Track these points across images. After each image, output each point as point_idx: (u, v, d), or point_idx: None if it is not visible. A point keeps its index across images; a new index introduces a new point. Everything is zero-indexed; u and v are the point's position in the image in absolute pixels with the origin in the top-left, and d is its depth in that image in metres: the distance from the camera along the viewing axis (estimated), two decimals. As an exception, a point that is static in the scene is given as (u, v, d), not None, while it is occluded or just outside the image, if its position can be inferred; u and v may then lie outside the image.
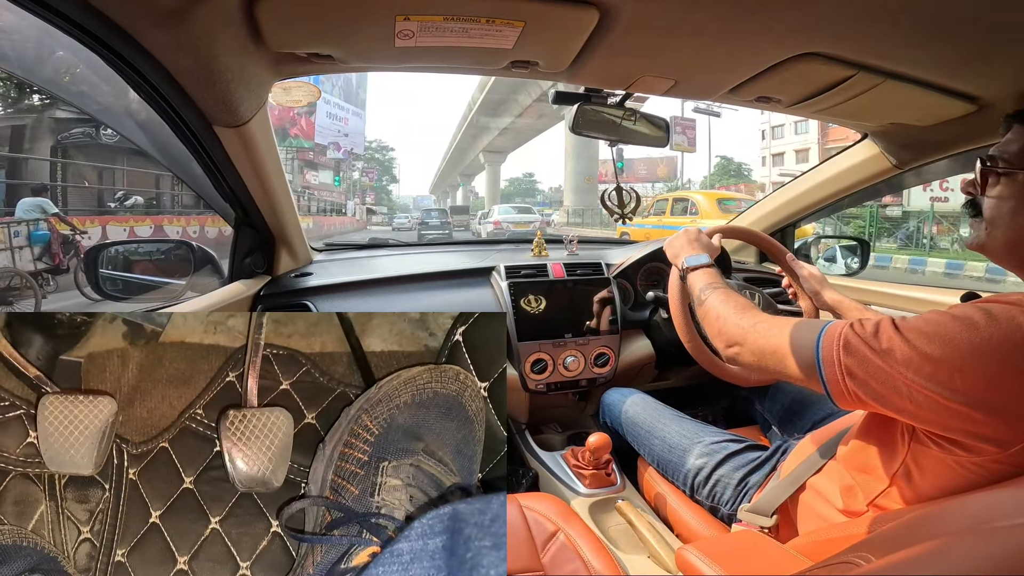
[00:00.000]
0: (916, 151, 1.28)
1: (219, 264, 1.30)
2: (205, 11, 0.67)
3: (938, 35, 0.75)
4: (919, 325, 0.59)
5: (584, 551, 0.89)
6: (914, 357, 0.57)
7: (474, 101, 33.69)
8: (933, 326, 0.58)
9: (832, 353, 0.63)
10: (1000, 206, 0.65)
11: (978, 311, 0.57)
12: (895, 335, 0.60)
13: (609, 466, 1.22)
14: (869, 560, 0.48)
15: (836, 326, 0.65)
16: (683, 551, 0.76)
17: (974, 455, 0.59)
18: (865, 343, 0.61)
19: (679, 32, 0.78)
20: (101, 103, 0.99)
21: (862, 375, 0.61)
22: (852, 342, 0.62)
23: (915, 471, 0.66)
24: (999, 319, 0.56)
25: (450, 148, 49.60)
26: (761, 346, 0.73)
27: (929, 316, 0.60)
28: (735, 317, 0.80)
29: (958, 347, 0.55)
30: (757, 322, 0.76)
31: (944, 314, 0.59)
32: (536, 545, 0.90)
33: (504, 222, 15.74)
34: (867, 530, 0.65)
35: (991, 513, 0.41)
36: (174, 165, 1.13)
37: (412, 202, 73.99)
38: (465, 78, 32.37)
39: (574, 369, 1.38)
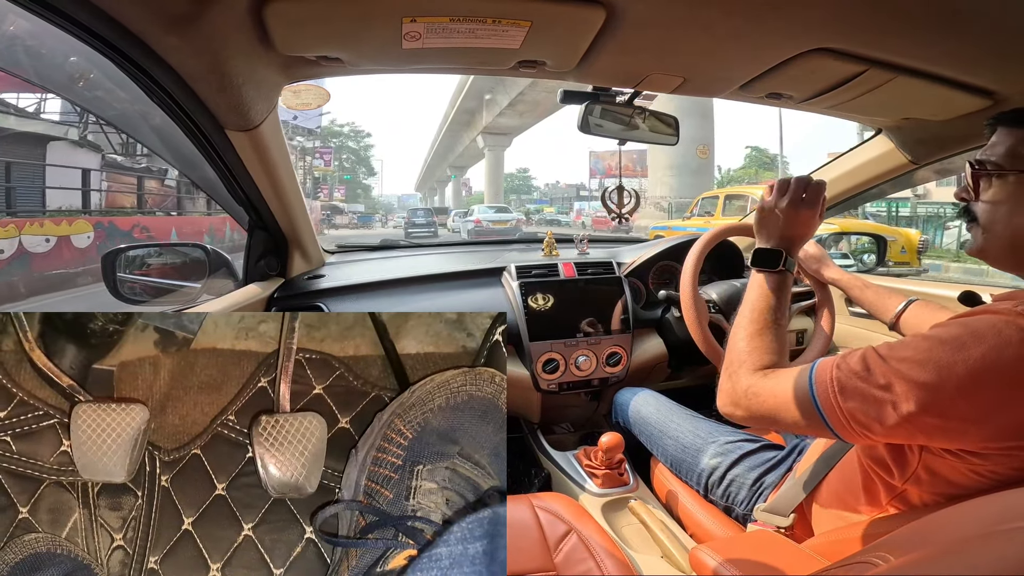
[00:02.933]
0: (931, 146, 1.26)
1: (234, 267, 1.32)
2: (215, 15, 0.68)
3: (950, 29, 0.74)
4: (908, 354, 0.58)
5: (597, 551, 0.88)
6: (912, 388, 0.56)
7: (439, 129, 32.53)
8: (923, 353, 0.57)
9: (831, 402, 0.61)
10: (995, 210, 0.65)
11: (963, 329, 0.56)
12: (887, 368, 0.59)
13: (622, 466, 1.21)
14: (888, 560, 0.48)
15: (824, 373, 0.63)
16: (697, 551, 0.76)
17: (988, 462, 0.59)
18: (859, 383, 0.60)
19: (687, 29, 0.78)
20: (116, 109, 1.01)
21: (864, 417, 0.59)
22: (847, 386, 0.60)
23: (930, 475, 0.65)
24: (986, 336, 0.55)
25: (437, 138, 43.03)
26: (755, 411, 0.70)
27: (915, 343, 0.59)
28: (738, 374, 0.74)
29: (954, 372, 0.55)
30: (749, 387, 0.71)
31: (930, 339, 0.58)
32: (548, 545, 0.90)
33: (484, 220, 17.28)
34: (885, 530, 0.64)
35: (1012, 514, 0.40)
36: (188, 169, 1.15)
37: (397, 201, 71.58)
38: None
39: (586, 369, 1.38)
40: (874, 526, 0.69)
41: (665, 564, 0.97)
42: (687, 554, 0.90)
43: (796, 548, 0.75)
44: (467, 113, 31.98)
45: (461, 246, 2.23)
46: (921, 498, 0.67)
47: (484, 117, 30.10)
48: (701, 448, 1.06)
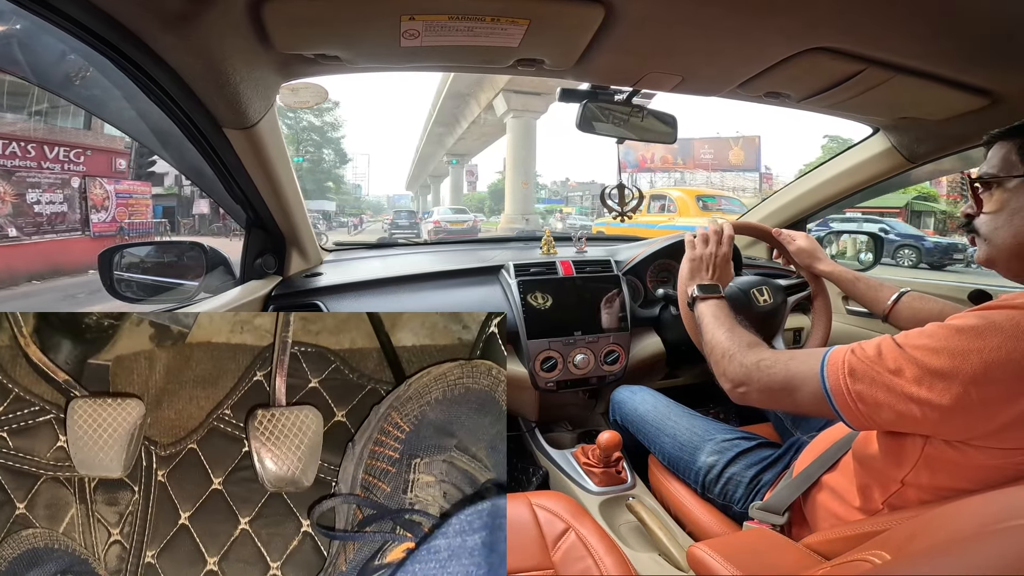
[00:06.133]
0: (929, 145, 1.26)
1: (231, 265, 1.31)
2: (213, 14, 0.68)
3: (947, 29, 0.74)
4: (924, 342, 0.59)
5: (595, 549, 0.88)
6: (924, 375, 0.57)
7: (433, 107, 28.45)
8: (939, 340, 0.58)
9: (839, 382, 0.63)
10: (995, 218, 0.67)
11: (981, 320, 0.57)
12: (900, 354, 0.60)
13: (620, 464, 1.21)
14: (884, 558, 0.48)
15: (837, 355, 0.65)
16: (695, 549, 0.76)
17: (989, 457, 0.59)
18: (871, 367, 0.61)
19: (686, 28, 0.78)
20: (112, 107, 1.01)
21: (873, 400, 0.61)
22: (857, 368, 0.62)
23: (930, 470, 0.65)
24: (1003, 328, 0.55)
25: (420, 143, 40.18)
26: (767, 383, 0.74)
27: (932, 331, 0.60)
28: (739, 356, 0.79)
29: (968, 360, 0.55)
30: (760, 359, 0.76)
31: (947, 327, 0.59)
32: (547, 543, 0.90)
33: (443, 221, 18.14)
34: (882, 528, 0.64)
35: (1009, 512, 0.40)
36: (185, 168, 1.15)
37: (387, 201, 68.36)
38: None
39: (584, 367, 1.38)
40: (871, 524, 0.69)
41: (663, 562, 0.97)
42: (685, 552, 0.90)
43: (794, 546, 0.75)
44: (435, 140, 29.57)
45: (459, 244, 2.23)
46: (919, 496, 0.67)
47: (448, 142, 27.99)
48: (698, 446, 1.06)
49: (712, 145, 25.38)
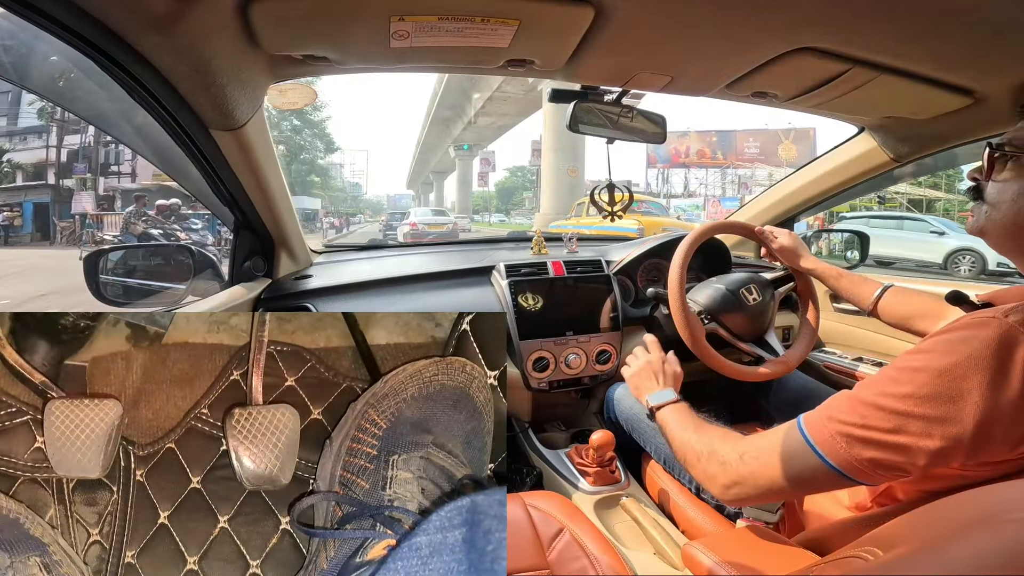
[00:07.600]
0: (913, 144, 1.28)
1: (219, 268, 1.30)
2: (199, 14, 0.67)
3: (931, 29, 0.75)
4: (910, 391, 0.56)
5: (590, 548, 0.89)
6: (931, 426, 0.55)
7: (439, 84, 25.00)
8: (926, 388, 0.56)
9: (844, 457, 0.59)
10: (1005, 189, 0.66)
11: (958, 356, 0.55)
12: (885, 413, 0.57)
13: (613, 463, 1.22)
14: (876, 554, 0.48)
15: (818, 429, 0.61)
16: (689, 547, 0.76)
17: (982, 465, 0.59)
18: (866, 432, 0.58)
19: (674, 28, 0.78)
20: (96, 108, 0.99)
21: (891, 463, 0.57)
22: (855, 437, 0.58)
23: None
24: (983, 359, 0.54)
25: (420, 141, 38.57)
26: (759, 481, 0.66)
27: (911, 377, 0.57)
28: (719, 454, 0.72)
29: (970, 400, 0.54)
30: (743, 453, 0.69)
31: (926, 371, 0.57)
32: (542, 543, 0.90)
33: (420, 223, 15.92)
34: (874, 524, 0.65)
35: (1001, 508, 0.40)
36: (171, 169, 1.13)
37: (387, 200, 66.50)
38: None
39: (576, 367, 1.38)
40: (862, 521, 0.69)
41: (658, 561, 0.97)
42: (679, 551, 0.90)
43: (787, 543, 0.76)
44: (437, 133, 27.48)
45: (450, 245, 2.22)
46: (906, 494, 0.68)
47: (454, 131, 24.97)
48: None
49: (758, 138, 22.46)
